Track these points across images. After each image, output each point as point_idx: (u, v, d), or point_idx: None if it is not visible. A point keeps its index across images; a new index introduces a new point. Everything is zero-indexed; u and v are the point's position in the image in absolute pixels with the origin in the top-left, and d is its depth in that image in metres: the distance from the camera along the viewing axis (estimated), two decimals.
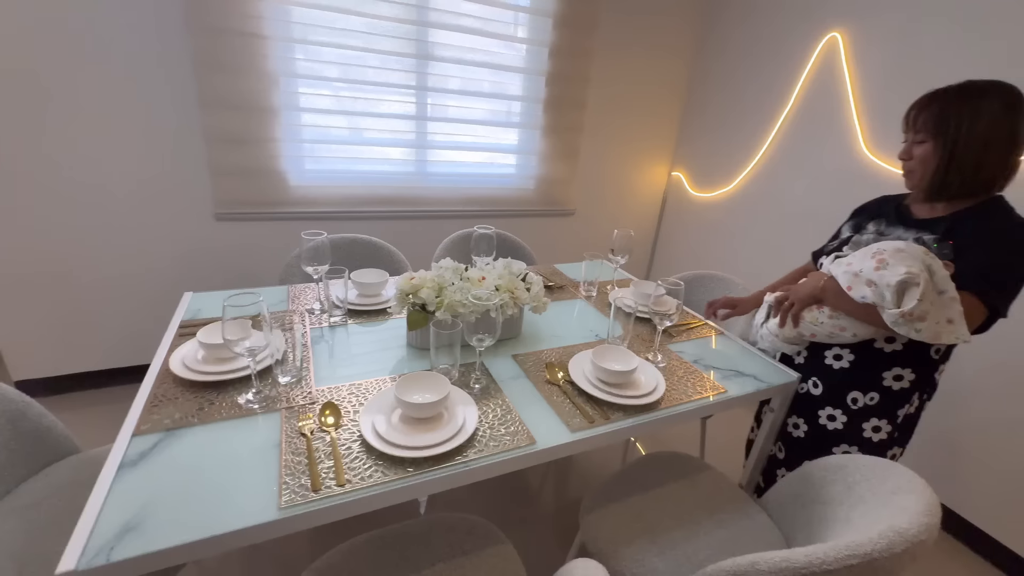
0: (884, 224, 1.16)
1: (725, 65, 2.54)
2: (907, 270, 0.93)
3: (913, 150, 1.06)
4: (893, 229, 1.13)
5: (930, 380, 1.14)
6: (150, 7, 1.69)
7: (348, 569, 0.93)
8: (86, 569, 0.61)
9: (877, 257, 0.99)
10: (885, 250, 0.99)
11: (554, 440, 0.93)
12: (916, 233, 1.08)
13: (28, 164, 1.71)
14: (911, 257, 0.96)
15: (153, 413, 0.89)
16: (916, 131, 1.04)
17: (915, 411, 1.17)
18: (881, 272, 0.97)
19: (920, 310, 0.93)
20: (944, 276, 0.95)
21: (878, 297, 0.98)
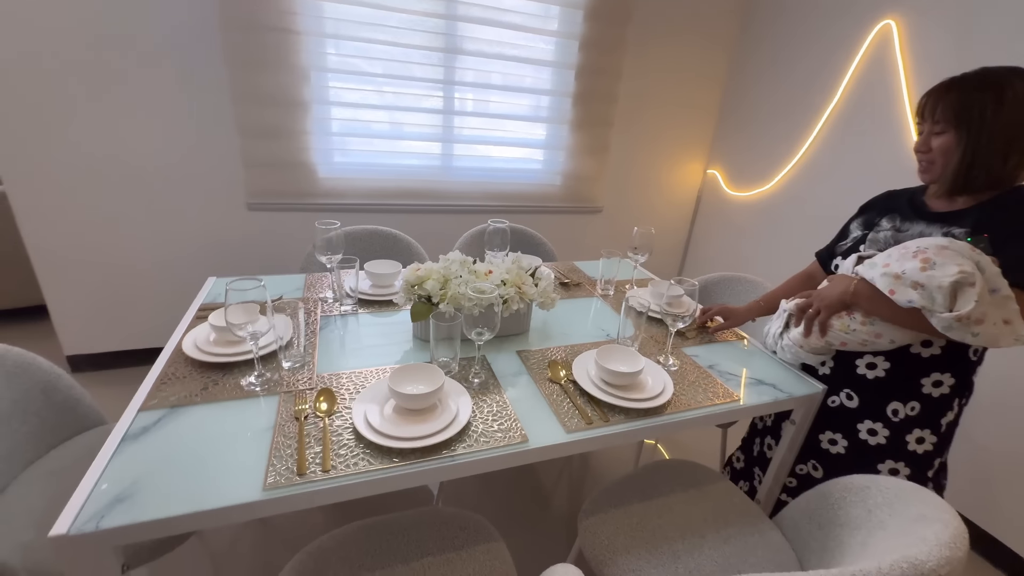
0: (899, 220, 1.07)
1: (767, 55, 2.41)
2: (959, 268, 0.85)
3: (931, 141, 0.98)
4: (912, 224, 1.04)
5: (968, 383, 1.04)
6: (189, 5, 1.77)
7: (339, 554, 0.94)
8: (76, 534, 0.64)
9: (921, 256, 0.90)
10: (927, 248, 0.90)
11: (548, 440, 0.90)
12: (941, 227, 0.99)
13: (79, 158, 1.84)
14: (958, 254, 0.87)
15: (161, 390, 0.93)
16: (935, 121, 0.96)
17: (955, 417, 1.07)
18: (929, 272, 0.88)
19: (978, 312, 0.84)
20: (995, 273, 0.86)
21: (927, 300, 0.89)
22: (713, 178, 2.79)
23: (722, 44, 2.56)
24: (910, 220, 1.06)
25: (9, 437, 1.04)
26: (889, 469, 1.08)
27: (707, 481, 1.22)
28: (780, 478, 1.26)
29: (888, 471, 1.08)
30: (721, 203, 2.77)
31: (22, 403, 1.06)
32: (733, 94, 2.63)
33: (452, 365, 1.07)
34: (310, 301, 1.35)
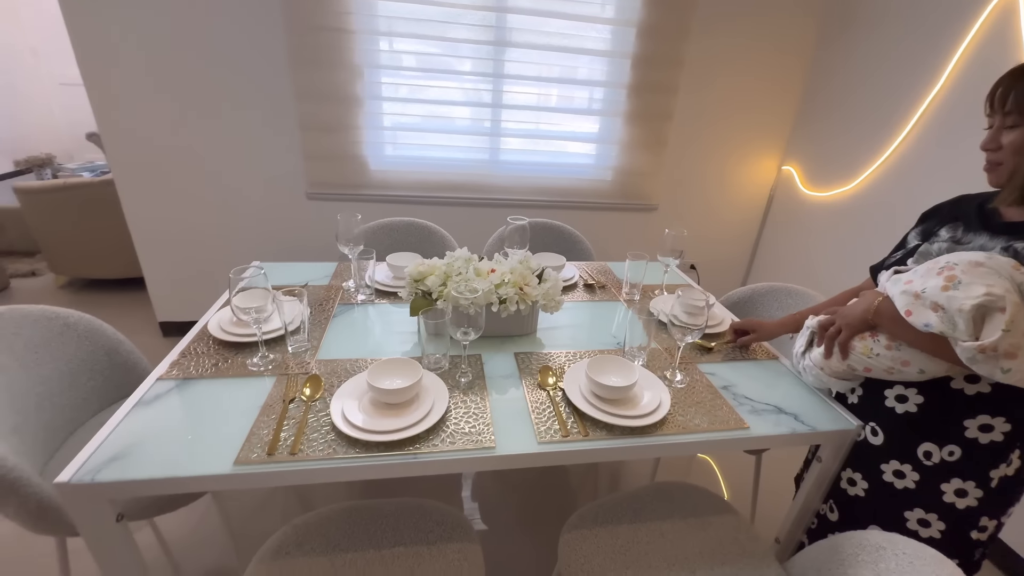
0: (962, 230, 0.90)
1: (859, 32, 2.10)
2: (987, 290, 0.71)
3: (1001, 137, 0.83)
4: (975, 236, 0.87)
5: None
6: (257, 13, 1.92)
7: (320, 531, 0.99)
8: (76, 483, 0.74)
9: (946, 273, 0.76)
10: (957, 264, 0.76)
11: (516, 449, 0.87)
12: (1006, 241, 0.82)
13: (171, 152, 2.09)
14: (993, 272, 0.72)
15: (180, 363, 1.04)
16: (1006, 112, 0.81)
17: (1016, 473, 0.87)
18: (952, 293, 0.74)
19: (1008, 344, 0.70)
20: None
21: (948, 326, 0.75)
22: (788, 175, 2.52)
23: (805, 21, 2.28)
24: (974, 231, 0.89)
25: (79, 389, 1.22)
26: (918, 519, 0.92)
27: (712, 511, 1.11)
28: (803, 520, 1.12)
29: (917, 521, 0.92)
30: (795, 204, 2.48)
31: (89, 362, 1.24)
32: (818, 77, 2.33)
33: (442, 362, 1.08)
34: (333, 289, 1.43)
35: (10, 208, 3.11)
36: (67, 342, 1.21)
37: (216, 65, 1.99)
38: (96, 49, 1.90)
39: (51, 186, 2.63)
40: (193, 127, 2.07)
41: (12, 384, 1.08)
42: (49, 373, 1.16)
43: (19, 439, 1.03)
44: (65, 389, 1.19)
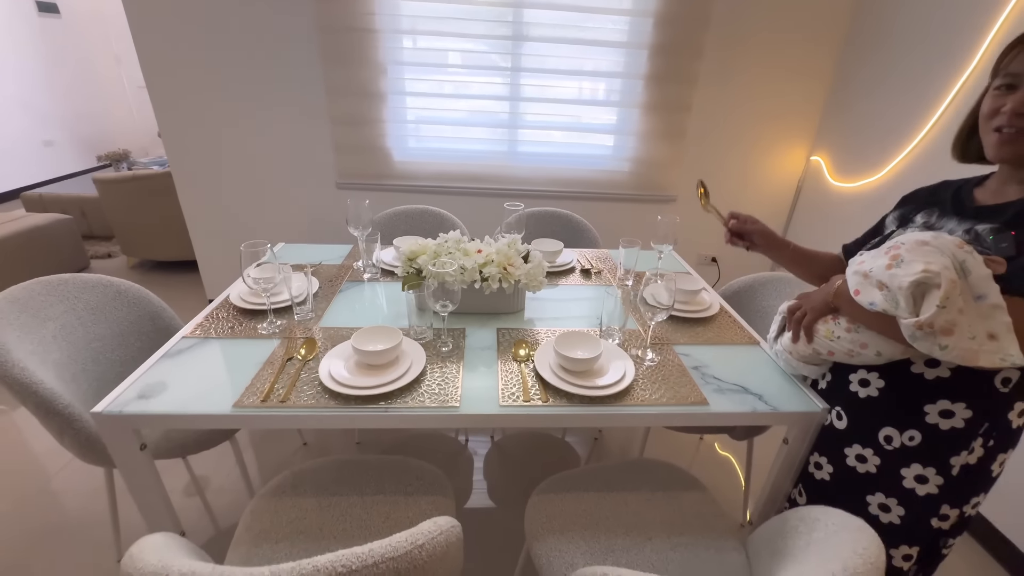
0: (936, 215, 0.89)
1: (890, 20, 2.00)
2: (925, 267, 0.71)
3: None
4: (946, 221, 0.86)
5: (1001, 422, 0.83)
6: (293, 17, 2.10)
7: (313, 478, 1.12)
8: (107, 413, 0.89)
9: (892, 252, 0.77)
10: (904, 243, 0.77)
11: (478, 410, 0.96)
12: (971, 223, 0.80)
13: (220, 146, 2.32)
14: (935, 251, 0.73)
15: (203, 324, 1.20)
16: None
17: (979, 462, 0.85)
18: (894, 271, 0.75)
19: (944, 320, 0.70)
20: (984, 276, 0.70)
21: (891, 303, 0.76)
22: (817, 166, 2.43)
23: (835, 8, 2.19)
24: (947, 216, 0.88)
25: (127, 348, 1.42)
26: (879, 504, 0.92)
27: (681, 487, 1.15)
28: (773, 502, 1.13)
29: (878, 505, 0.92)
30: (823, 195, 2.40)
31: (136, 325, 1.44)
32: (848, 67, 2.24)
33: (426, 333, 1.18)
34: (344, 267, 1.56)
35: (91, 197, 3.53)
36: (119, 307, 1.41)
37: (257, 67, 2.18)
38: (157, 58, 2.14)
39: (124, 177, 2.96)
40: (238, 124, 2.29)
41: (75, 340, 1.28)
42: (103, 332, 1.36)
43: (76, 385, 1.23)
44: (116, 347, 1.38)
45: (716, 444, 1.97)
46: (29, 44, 4.75)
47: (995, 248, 0.75)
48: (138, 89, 5.71)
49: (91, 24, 5.38)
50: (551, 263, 1.59)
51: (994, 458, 0.87)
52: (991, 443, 0.85)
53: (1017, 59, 0.75)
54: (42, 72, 4.91)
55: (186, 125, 2.28)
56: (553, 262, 1.60)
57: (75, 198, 3.63)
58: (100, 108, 5.63)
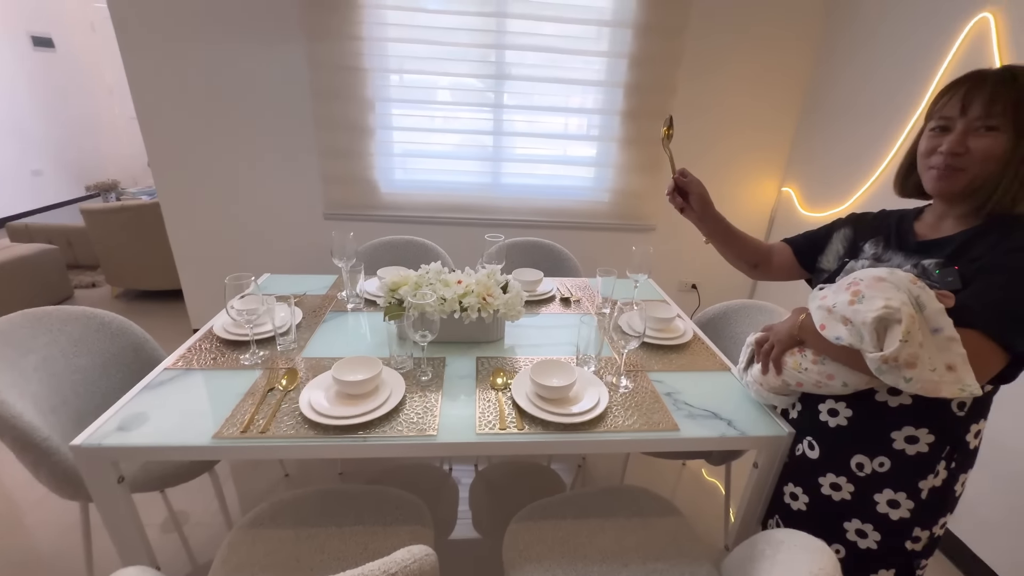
0: (882, 246, 0.95)
1: (854, 58, 2.14)
2: (885, 303, 0.76)
3: (970, 140, 0.79)
4: (892, 254, 0.92)
5: (960, 444, 0.87)
6: (286, 55, 2.19)
7: (292, 509, 1.12)
8: (86, 446, 0.90)
9: (852, 288, 0.82)
10: (863, 279, 0.82)
11: (455, 438, 0.98)
12: (917, 258, 0.86)
13: (205, 178, 2.37)
14: (892, 287, 0.77)
15: (186, 356, 1.22)
16: (990, 115, 0.76)
17: (944, 484, 0.89)
18: (856, 307, 0.79)
19: (907, 354, 0.74)
20: (937, 310, 0.75)
21: (855, 338, 0.80)
22: (788, 196, 2.54)
23: (796, 48, 2.34)
24: (891, 248, 0.94)
25: (109, 379, 1.42)
26: (856, 530, 0.94)
27: (656, 513, 1.17)
28: (748, 526, 1.15)
29: (855, 532, 0.94)
30: (795, 225, 2.49)
31: (119, 356, 1.44)
32: (813, 101, 2.37)
33: (406, 362, 1.20)
34: (328, 298, 1.59)
35: (78, 227, 3.53)
36: (102, 338, 1.42)
37: (248, 101, 2.26)
38: (148, 89, 2.21)
39: (111, 207, 2.99)
40: (227, 155, 2.34)
41: (56, 372, 1.29)
42: (85, 364, 1.36)
43: (56, 418, 1.23)
44: (98, 379, 1.39)
45: (703, 471, 1.99)
46: (23, 77, 4.83)
47: (942, 282, 0.81)
48: (129, 120, 5.78)
49: (85, 57, 5.48)
50: (531, 292, 1.64)
51: (956, 479, 0.91)
52: (953, 465, 0.89)
53: (949, 104, 0.82)
54: (34, 103, 4.97)
55: (175, 156, 2.33)
56: (533, 291, 1.65)
57: (62, 228, 3.63)
58: (91, 138, 5.68)
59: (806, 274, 1.14)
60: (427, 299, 1.14)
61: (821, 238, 1.10)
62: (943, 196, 0.88)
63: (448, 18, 2.17)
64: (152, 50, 2.14)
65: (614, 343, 1.19)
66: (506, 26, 2.20)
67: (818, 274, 1.09)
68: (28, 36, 4.84)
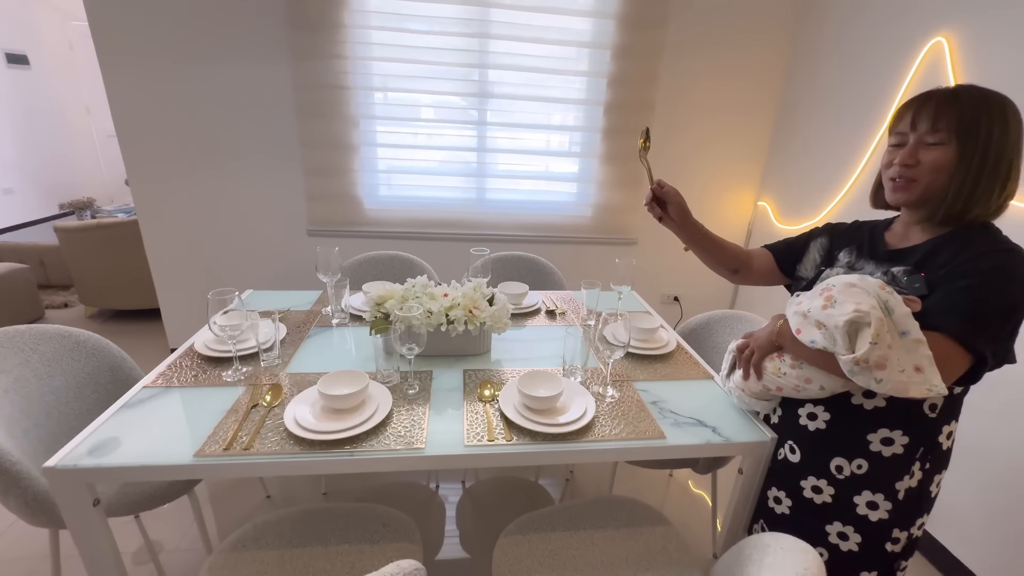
0: (855, 254, 0.99)
1: (820, 78, 2.25)
2: (855, 307, 0.79)
3: (920, 153, 0.84)
4: (864, 262, 0.96)
5: (933, 445, 0.90)
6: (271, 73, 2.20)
7: (276, 530, 1.09)
8: (60, 468, 0.87)
9: (825, 294, 0.86)
10: (835, 285, 0.86)
11: (443, 451, 0.97)
12: (887, 266, 0.90)
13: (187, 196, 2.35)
14: (862, 292, 0.81)
15: (165, 373, 1.19)
16: (935, 130, 0.82)
17: (919, 485, 0.92)
18: (829, 311, 0.83)
19: (877, 355, 0.77)
20: (905, 314, 0.79)
21: (829, 341, 0.83)
22: (764, 210, 2.62)
23: (768, 70, 2.45)
24: (864, 257, 0.98)
25: (84, 400, 1.37)
26: (838, 532, 0.96)
27: (646, 522, 1.17)
28: (735, 533, 1.16)
29: (837, 534, 0.96)
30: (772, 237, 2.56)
31: (94, 376, 1.40)
32: (785, 120, 2.47)
33: (393, 376, 1.20)
34: (312, 313, 1.58)
35: (50, 246, 3.44)
36: (77, 358, 1.38)
37: (231, 118, 2.25)
38: (128, 107, 2.19)
39: (86, 225, 2.92)
40: (209, 172, 2.33)
41: (28, 393, 1.24)
42: (59, 384, 1.32)
43: (27, 441, 1.18)
44: (72, 400, 1.34)
45: (690, 482, 2.00)
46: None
47: (909, 288, 0.85)
48: (107, 138, 5.70)
49: (62, 75, 5.41)
50: (517, 305, 1.65)
51: (931, 479, 0.94)
52: (927, 466, 0.92)
53: (903, 120, 0.88)
54: (8, 121, 4.87)
55: (155, 173, 2.30)
56: (519, 304, 1.66)
57: (33, 247, 3.53)
58: (67, 157, 5.57)
59: (786, 280, 1.18)
60: (414, 312, 1.14)
61: (800, 246, 1.14)
62: (902, 205, 0.93)
63: (432, 38, 2.22)
64: (133, 68, 2.14)
65: (599, 353, 1.21)
66: (489, 46, 2.26)
67: (797, 281, 1.13)
68: (2, 53, 4.76)
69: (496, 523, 1.71)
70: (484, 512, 1.78)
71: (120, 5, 2.05)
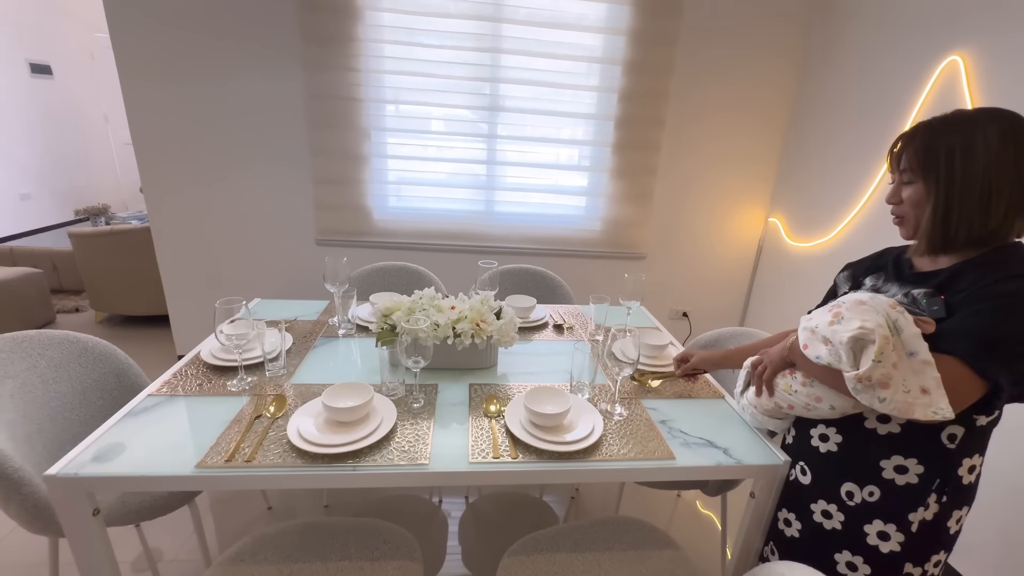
0: (882, 279, 0.96)
1: (831, 95, 2.24)
2: (861, 324, 0.78)
3: (902, 192, 0.88)
4: (889, 285, 0.94)
5: (952, 478, 0.86)
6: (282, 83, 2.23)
7: (275, 543, 1.07)
8: (61, 476, 0.86)
9: (834, 310, 0.84)
10: (844, 302, 0.84)
11: (448, 467, 0.96)
12: (910, 287, 0.88)
13: (199, 204, 2.37)
14: (871, 310, 0.80)
15: (171, 382, 1.19)
16: (902, 170, 0.87)
17: (935, 518, 0.87)
18: (835, 327, 0.82)
19: (880, 374, 0.75)
20: (914, 335, 0.77)
21: (834, 357, 0.82)
22: (775, 227, 2.60)
23: (778, 87, 2.44)
24: (891, 281, 0.95)
25: (88, 407, 1.37)
26: (847, 562, 0.92)
27: (653, 545, 1.14)
28: (745, 559, 1.13)
29: (846, 564, 0.92)
30: (782, 254, 2.55)
31: (100, 382, 1.40)
32: (795, 139, 2.46)
33: (398, 389, 1.18)
34: (319, 323, 1.57)
35: (64, 251, 3.49)
36: (84, 363, 1.38)
37: (244, 128, 2.28)
38: (145, 116, 2.23)
39: (99, 231, 2.96)
40: (221, 181, 2.35)
41: (33, 398, 1.24)
42: (65, 390, 1.32)
43: (30, 447, 1.18)
44: (77, 405, 1.34)
45: (698, 503, 1.95)
46: (17, 103, 4.85)
47: (927, 310, 0.83)
48: (124, 146, 5.81)
49: (82, 84, 5.54)
50: (524, 319, 1.63)
51: (949, 514, 0.88)
52: (944, 499, 0.87)
53: (892, 155, 0.90)
54: (27, 129, 4.98)
55: (169, 181, 2.33)
56: (526, 318, 1.64)
57: (47, 251, 3.58)
58: (84, 163, 5.68)
59: None
60: (420, 324, 1.13)
61: (829, 296, 1.10)
62: (906, 239, 0.93)
63: (444, 52, 2.24)
64: (151, 78, 2.18)
65: (607, 370, 1.19)
66: (500, 61, 2.28)
67: None
68: (26, 63, 4.89)
69: (499, 540, 1.68)
70: (487, 528, 1.74)
71: (140, 18, 2.10)
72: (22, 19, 4.79)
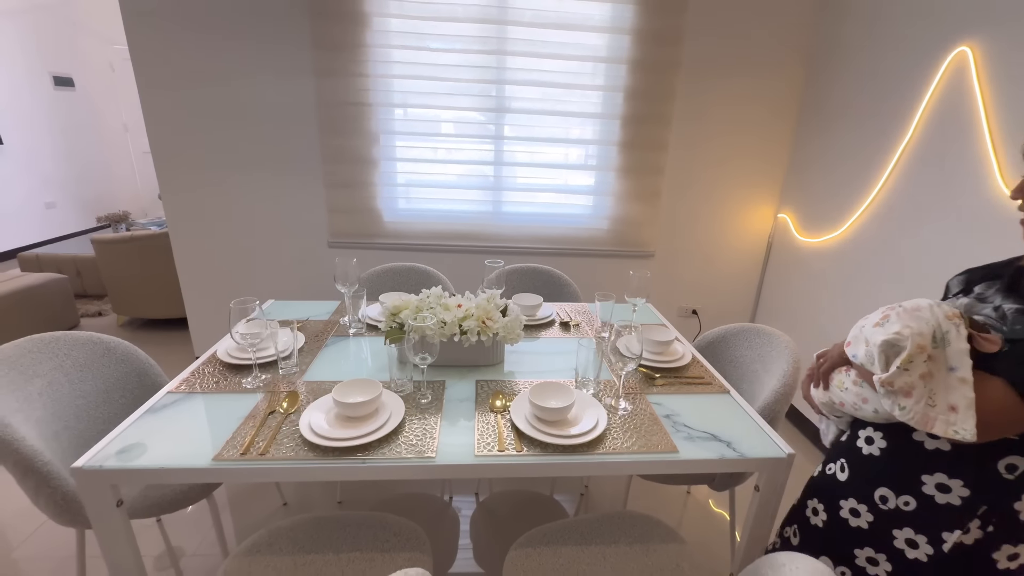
0: (994, 289, 0.87)
1: (839, 89, 2.22)
2: (899, 329, 0.76)
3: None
4: (995, 296, 0.85)
5: (1003, 509, 0.79)
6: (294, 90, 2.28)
7: (289, 536, 1.11)
8: (87, 469, 0.91)
9: (885, 312, 0.82)
10: (903, 305, 0.81)
11: (454, 460, 0.98)
12: (1012, 303, 0.80)
13: (215, 209, 2.44)
14: (919, 318, 0.77)
15: (189, 380, 1.23)
16: None
17: (976, 545, 0.81)
18: (876, 330, 0.80)
19: (904, 382, 0.74)
20: (961, 351, 0.74)
21: (868, 359, 0.81)
22: (784, 223, 2.58)
23: (787, 81, 2.42)
24: (1000, 291, 0.85)
25: (112, 405, 1.43)
26: (867, 557, 0.91)
27: (660, 539, 1.15)
28: (753, 549, 1.13)
29: (866, 559, 0.91)
30: (792, 250, 2.52)
31: (123, 381, 1.45)
32: (805, 133, 2.44)
33: (406, 385, 1.21)
34: (330, 323, 1.61)
35: (87, 257, 3.60)
36: (107, 363, 1.43)
37: (258, 135, 2.34)
38: (163, 125, 2.30)
39: (119, 238, 3.05)
40: (236, 187, 2.42)
41: (60, 396, 1.30)
42: (89, 389, 1.38)
43: (57, 443, 1.24)
44: (101, 403, 1.40)
45: (710, 501, 1.95)
46: (42, 115, 5.02)
47: (1011, 328, 0.76)
48: (143, 154, 5.96)
49: (103, 95, 5.70)
50: (531, 316, 1.65)
51: (997, 547, 0.82)
52: (991, 528, 0.81)
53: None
54: (52, 140, 5.15)
55: (186, 187, 2.40)
56: (533, 315, 1.66)
57: (71, 257, 3.70)
58: (105, 172, 5.85)
59: None
60: (427, 322, 1.16)
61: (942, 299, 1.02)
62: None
63: (451, 56, 2.28)
64: (168, 88, 2.25)
65: (612, 365, 1.21)
66: (506, 63, 2.30)
67: None
68: (50, 76, 5.06)
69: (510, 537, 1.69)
70: (498, 526, 1.76)
71: (157, 30, 2.17)
72: (45, 34, 4.96)
